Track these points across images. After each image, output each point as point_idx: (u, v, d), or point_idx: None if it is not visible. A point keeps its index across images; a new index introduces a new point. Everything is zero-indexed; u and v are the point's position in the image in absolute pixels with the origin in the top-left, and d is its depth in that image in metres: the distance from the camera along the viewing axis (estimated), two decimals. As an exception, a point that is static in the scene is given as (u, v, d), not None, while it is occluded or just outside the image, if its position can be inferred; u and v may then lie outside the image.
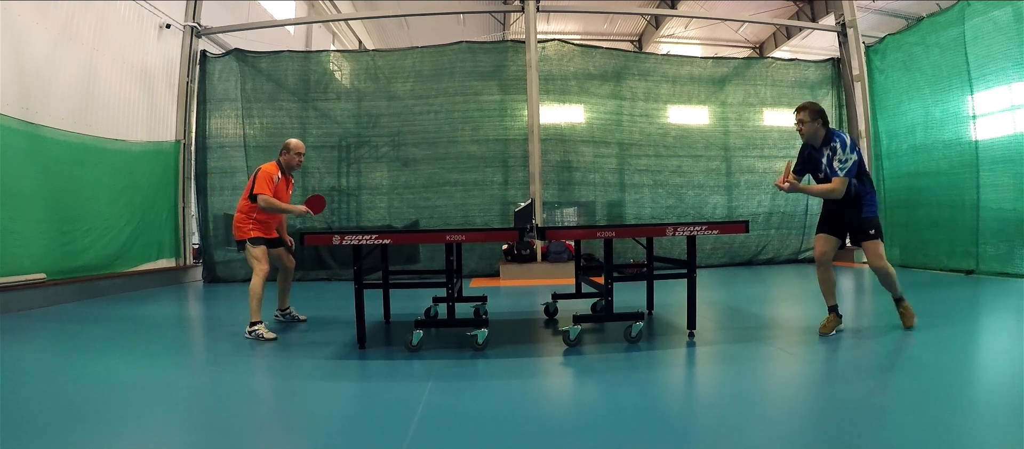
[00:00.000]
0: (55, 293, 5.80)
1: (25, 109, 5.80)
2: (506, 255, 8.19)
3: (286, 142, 4.29)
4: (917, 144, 7.64)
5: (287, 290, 4.53)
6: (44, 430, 2.20)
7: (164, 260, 7.96)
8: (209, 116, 8.45)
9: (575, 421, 2.27)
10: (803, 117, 3.65)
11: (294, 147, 4.26)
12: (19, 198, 5.59)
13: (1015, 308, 4.44)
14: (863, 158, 3.61)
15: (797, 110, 3.74)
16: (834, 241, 3.69)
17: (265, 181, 4.03)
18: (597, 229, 3.61)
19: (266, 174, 4.07)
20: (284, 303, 4.53)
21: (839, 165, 3.47)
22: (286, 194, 4.28)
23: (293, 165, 4.28)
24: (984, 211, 6.58)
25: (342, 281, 7.65)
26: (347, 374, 3.03)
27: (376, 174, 8.59)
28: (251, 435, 2.22)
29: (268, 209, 4.02)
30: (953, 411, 2.22)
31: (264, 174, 4.06)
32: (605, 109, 8.84)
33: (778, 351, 3.29)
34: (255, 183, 4.03)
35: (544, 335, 3.92)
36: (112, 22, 7.12)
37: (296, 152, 4.26)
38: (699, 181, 9.01)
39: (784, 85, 9.29)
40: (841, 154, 3.47)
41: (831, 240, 3.69)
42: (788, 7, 15.80)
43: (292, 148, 4.25)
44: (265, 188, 4.00)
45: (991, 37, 6.45)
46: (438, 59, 8.52)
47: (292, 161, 4.25)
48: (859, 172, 3.56)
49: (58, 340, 4.09)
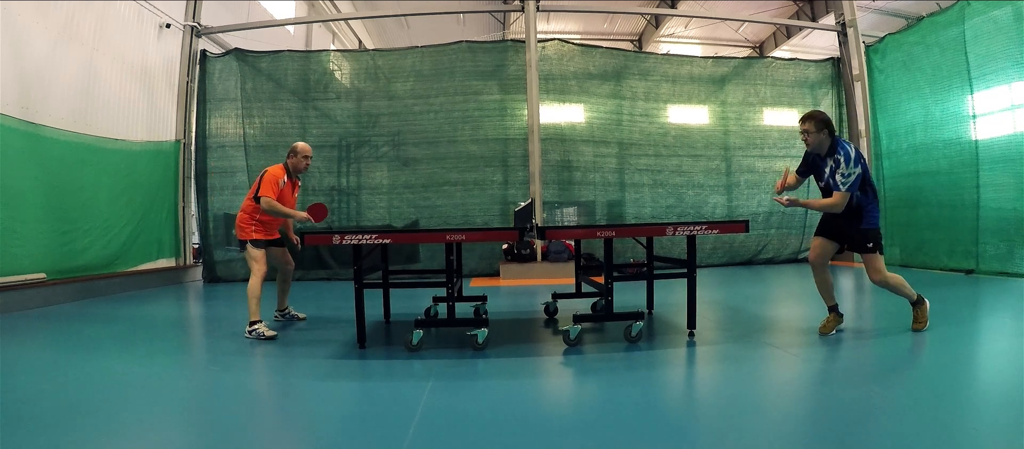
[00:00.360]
0: (55, 293, 5.80)
1: (25, 109, 5.80)
2: (506, 255, 8.19)
3: (293, 146, 4.25)
4: (917, 144, 7.64)
5: (286, 291, 4.53)
6: (44, 430, 2.20)
7: (164, 260, 7.96)
8: (209, 116, 8.45)
9: (575, 421, 2.27)
10: (809, 127, 3.55)
11: (302, 151, 4.24)
12: (19, 198, 5.59)
13: (1015, 308, 4.44)
14: (867, 170, 3.56)
15: (802, 120, 3.61)
16: (831, 245, 3.66)
17: (271, 184, 4.01)
18: (597, 229, 3.62)
19: (272, 177, 4.05)
20: (283, 304, 4.53)
21: (842, 179, 3.41)
22: (292, 197, 4.28)
23: (300, 168, 4.26)
24: (984, 211, 6.58)
25: (342, 281, 7.65)
26: (347, 374, 3.03)
27: (376, 174, 8.59)
28: (251, 435, 2.22)
29: (270, 212, 4.01)
30: (953, 411, 2.22)
31: (270, 177, 4.05)
32: (605, 109, 8.84)
33: (778, 351, 3.29)
34: (260, 185, 4.02)
35: (544, 335, 3.92)
36: (112, 22, 7.12)
37: (303, 156, 4.24)
38: (699, 181, 9.01)
39: (784, 85, 9.29)
40: (844, 168, 3.40)
41: (828, 244, 3.66)
42: (788, 7, 15.80)
43: (299, 152, 4.23)
44: (270, 191, 3.99)
45: (991, 37, 6.45)
46: (438, 59, 8.52)
47: (299, 164, 4.24)
48: (863, 184, 3.51)
49: (58, 340, 4.09)
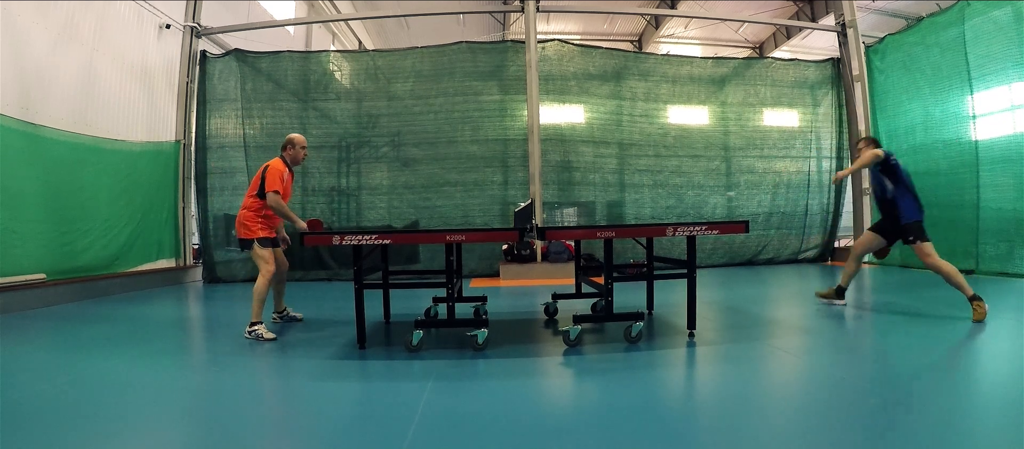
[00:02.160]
0: (55, 293, 5.80)
1: (25, 109, 5.80)
2: (506, 255, 8.19)
3: (289, 137, 4.22)
4: (917, 144, 7.64)
5: (282, 292, 4.49)
6: (44, 430, 2.20)
7: (164, 260, 7.96)
8: (209, 116, 8.45)
9: (575, 421, 2.27)
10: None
11: (298, 142, 4.22)
12: (19, 198, 5.59)
13: (1015, 308, 4.44)
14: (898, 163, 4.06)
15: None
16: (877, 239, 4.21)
17: (276, 178, 3.95)
18: (597, 229, 3.60)
19: (276, 171, 3.99)
20: (280, 305, 4.49)
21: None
22: (290, 190, 4.27)
23: (298, 160, 4.24)
24: (984, 211, 6.58)
25: (342, 281, 7.65)
26: (347, 374, 3.03)
27: (376, 174, 8.59)
28: (251, 435, 2.22)
29: (276, 209, 3.98)
30: (953, 411, 2.22)
31: (274, 171, 3.99)
32: (605, 109, 8.85)
33: (778, 351, 3.29)
34: (265, 179, 3.96)
35: (544, 335, 3.92)
36: (112, 22, 7.13)
37: (301, 146, 4.23)
38: (699, 181, 9.01)
39: (784, 85, 9.29)
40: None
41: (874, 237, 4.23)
42: (788, 7, 15.81)
43: (296, 143, 4.21)
44: (277, 184, 3.94)
45: (991, 37, 6.45)
46: (438, 59, 8.52)
47: (297, 155, 4.22)
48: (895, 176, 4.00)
49: (58, 340, 4.09)
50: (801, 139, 9.31)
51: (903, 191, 3.97)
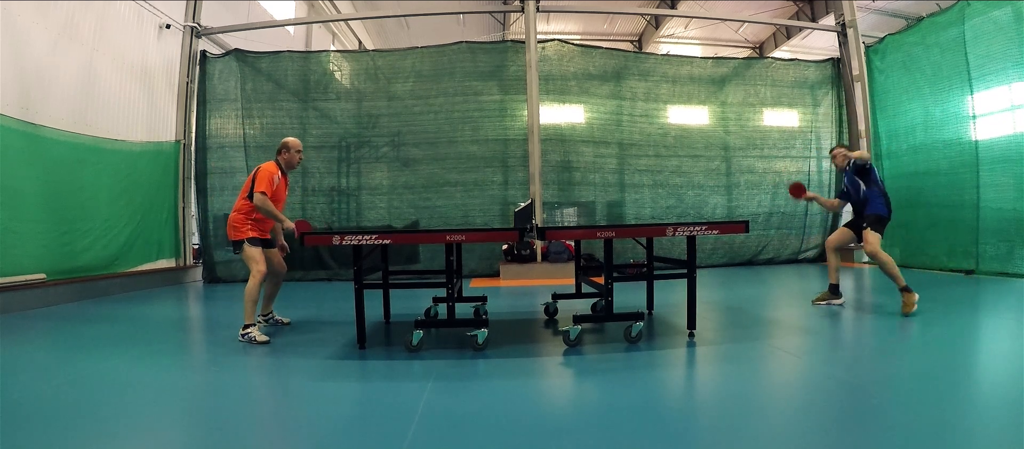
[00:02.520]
0: (55, 293, 5.80)
1: (25, 109, 5.80)
2: (506, 255, 8.19)
3: (284, 141, 4.21)
4: (917, 144, 7.64)
5: (274, 296, 4.41)
6: (44, 430, 2.20)
7: (164, 260, 7.96)
8: (209, 116, 8.45)
9: (575, 421, 2.27)
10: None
11: (293, 145, 4.21)
12: (19, 198, 5.59)
13: (1015, 308, 4.43)
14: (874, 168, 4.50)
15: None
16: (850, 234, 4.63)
17: (266, 180, 3.95)
18: (597, 229, 3.60)
19: (267, 173, 3.99)
20: (268, 308, 4.39)
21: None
22: (284, 192, 4.25)
23: (293, 164, 4.23)
24: (984, 211, 6.58)
25: (342, 281, 7.65)
26: (347, 374, 3.03)
27: (376, 174, 8.59)
28: (251, 435, 2.22)
29: (262, 208, 3.94)
30: (953, 411, 2.22)
31: (265, 173, 3.99)
32: (605, 109, 8.85)
33: (778, 351, 3.29)
34: (256, 181, 3.96)
35: (544, 335, 3.92)
36: (112, 22, 7.13)
37: (296, 150, 4.21)
38: (699, 181, 9.01)
39: (784, 85, 9.29)
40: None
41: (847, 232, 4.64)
42: (788, 7, 15.81)
43: (292, 147, 4.20)
44: (267, 187, 3.94)
45: (991, 37, 6.45)
46: (438, 59, 8.52)
47: (292, 159, 4.21)
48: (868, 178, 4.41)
49: (58, 340, 4.09)
50: (801, 139, 9.31)
51: (876, 193, 4.39)
